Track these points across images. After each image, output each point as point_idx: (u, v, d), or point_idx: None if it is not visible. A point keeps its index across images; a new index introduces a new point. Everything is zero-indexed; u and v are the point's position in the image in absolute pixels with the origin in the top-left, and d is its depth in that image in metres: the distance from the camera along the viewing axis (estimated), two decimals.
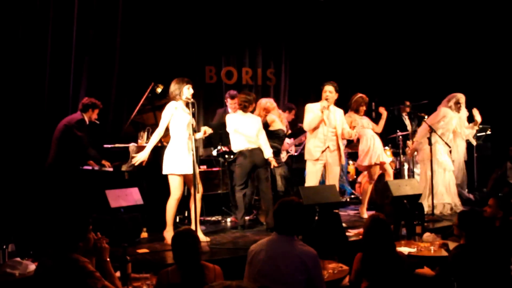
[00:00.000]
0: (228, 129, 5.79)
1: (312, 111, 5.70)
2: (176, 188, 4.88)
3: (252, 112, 5.89)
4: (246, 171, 5.69)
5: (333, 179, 5.70)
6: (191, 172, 4.71)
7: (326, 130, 5.65)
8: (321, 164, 5.66)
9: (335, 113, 5.80)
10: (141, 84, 6.18)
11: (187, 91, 4.88)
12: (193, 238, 2.91)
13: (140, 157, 4.88)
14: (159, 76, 6.37)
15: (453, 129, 6.55)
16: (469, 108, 6.68)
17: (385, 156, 6.45)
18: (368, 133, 6.39)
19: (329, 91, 5.67)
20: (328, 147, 5.65)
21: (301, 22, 8.78)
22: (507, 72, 8.85)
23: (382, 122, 6.63)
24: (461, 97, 6.54)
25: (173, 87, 4.93)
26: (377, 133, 6.53)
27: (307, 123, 5.71)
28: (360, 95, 6.42)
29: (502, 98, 8.91)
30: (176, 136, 4.91)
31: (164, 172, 4.90)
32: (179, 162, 4.83)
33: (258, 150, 5.64)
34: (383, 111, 6.65)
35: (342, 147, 5.89)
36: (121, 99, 7.04)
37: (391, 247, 3.35)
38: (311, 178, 5.67)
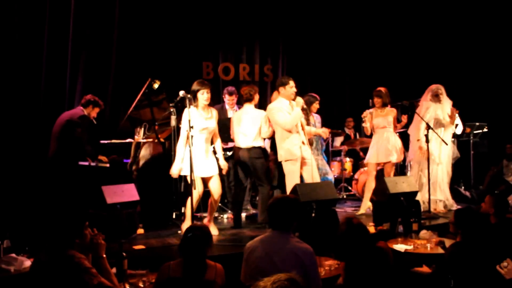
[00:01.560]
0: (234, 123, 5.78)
1: (281, 111, 5.44)
2: (197, 186, 4.92)
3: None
4: (245, 168, 5.69)
5: (309, 172, 5.50)
6: (201, 175, 4.90)
7: (299, 128, 5.53)
8: (299, 161, 5.44)
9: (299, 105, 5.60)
10: (138, 80, 6.16)
11: (201, 96, 4.91)
12: (205, 235, 2.89)
13: (174, 171, 4.91)
14: (156, 72, 6.35)
15: (439, 119, 6.40)
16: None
17: (390, 157, 6.27)
18: (379, 133, 6.33)
19: (295, 86, 5.51)
20: (302, 141, 5.51)
21: (298, 18, 8.76)
22: (503, 70, 8.86)
23: (399, 126, 6.56)
24: (439, 89, 6.48)
25: (191, 89, 4.93)
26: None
27: (289, 122, 5.35)
28: (376, 89, 6.42)
29: (498, 96, 8.92)
30: (194, 141, 4.90)
31: (182, 173, 5.00)
32: (187, 164, 4.84)
33: (256, 149, 5.61)
34: (404, 119, 6.52)
35: (307, 142, 5.71)
36: (118, 95, 7.01)
37: (371, 250, 3.11)
38: (293, 178, 5.38)
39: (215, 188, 5.11)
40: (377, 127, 6.34)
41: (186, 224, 5.00)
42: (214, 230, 5.12)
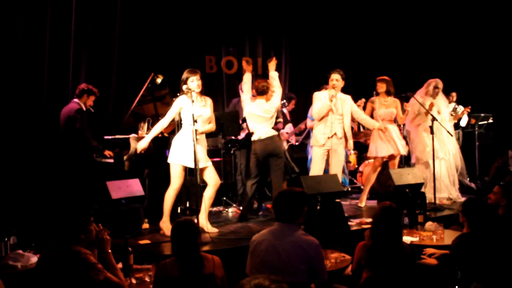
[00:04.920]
0: (246, 116, 5.74)
1: (320, 100, 5.84)
2: (175, 178, 4.89)
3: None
4: (260, 161, 5.63)
5: (336, 165, 5.82)
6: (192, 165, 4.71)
7: (334, 118, 5.79)
8: (325, 150, 5.82)
9: (342, 101, 5.87)
10: (141, 75, 6.15)
11: (191, 83, 4.82)
12: (192, 229, 2.85)
13: (140, 146, 4.93)
14: (159, 67, 6.33)
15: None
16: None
17: (397, 149, 6.23)
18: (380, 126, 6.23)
19: (336, 79, 5.79)
20: (335, 133, 5.78)
21: (301, 11, 8.72)
22: (508, 61, 8.80)
23: (405, 117, 6.52)
24: (439, 83, 6.44)
25: (182, 78, 4.89)
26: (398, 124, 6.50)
27: (316, 112, 5.82)
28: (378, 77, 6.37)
29: (503, 87, 8.87)
30: (183, 128, 4.92)
31: (168, 160, 4.91)
32: (181, 153, 4.82)
33: (271, 139, 5.58)
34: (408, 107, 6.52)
35: (349, 134, 5.94)
36: (121, 90, 7.00)
37: (399, 237, 3.28)
38: (317, 162, 5.83)
39: (211, 178, 4.95)
40: (381, 119, 6.24)
41: (164, 221, 4.95)
42: (210, 228, 4.99)
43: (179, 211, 5.89)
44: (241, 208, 5.88)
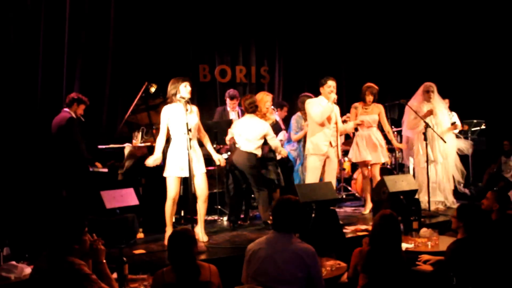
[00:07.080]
0: (233, 131, 5.75)
1: (316, 105, 5.78)
2: (170, 189, 4.85)
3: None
4: (237, 171, 5.67)
5: (331, 174, 5.82)
6: (188, 175, 4.66)
7: (330, 126, 5.81)
8: (323, 159, 5.77)
9: (334, 110, 5.89)
10: (135, 84, 6.15)
11: (184, 89, 4.78)
12: (188, 238, 2.88)
13: (150, 161, 4.78)
14: (152, 76, 6.33)
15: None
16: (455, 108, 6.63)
17: (378, 157, 6.27)
18: (364, 132, 6.30)
19: (333, 86, 5.77)
20: (330, 142, 5.80)
21: (294, 19, 8.76)
22: (500, 67, 8.87)
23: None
24: (430, 86, 6.44)
25: (170, 87, 4.83)
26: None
27: (318, 115, 5.68)
28: (366, 84, 6.35)
29: (496, 93, 8.93)
30: (173, 138, 4.86)
31: (164, 174, 4.85)
32: (173, 164, 4.79)
33: (248, 154, 5.57)
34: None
35: (339, 144, 6.01)
36: (114, 100, 7.00)
37: (398, 244, 3.30)
38: (313, 174, 5.74)
39: (199, 187, 4.83)
40: (362, 126, 6.27)
41: (167, 231, 4.90)
42: (203, 237, 4.92)
43: (174, 220, 5.86)
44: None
